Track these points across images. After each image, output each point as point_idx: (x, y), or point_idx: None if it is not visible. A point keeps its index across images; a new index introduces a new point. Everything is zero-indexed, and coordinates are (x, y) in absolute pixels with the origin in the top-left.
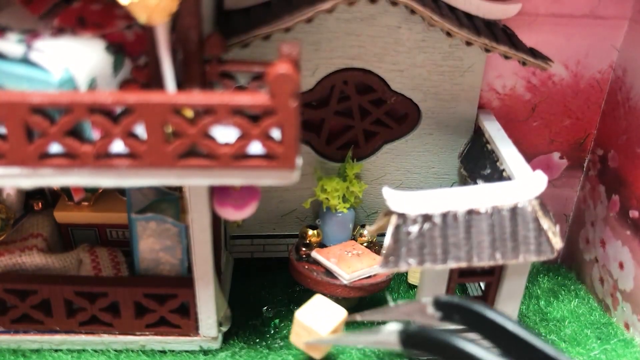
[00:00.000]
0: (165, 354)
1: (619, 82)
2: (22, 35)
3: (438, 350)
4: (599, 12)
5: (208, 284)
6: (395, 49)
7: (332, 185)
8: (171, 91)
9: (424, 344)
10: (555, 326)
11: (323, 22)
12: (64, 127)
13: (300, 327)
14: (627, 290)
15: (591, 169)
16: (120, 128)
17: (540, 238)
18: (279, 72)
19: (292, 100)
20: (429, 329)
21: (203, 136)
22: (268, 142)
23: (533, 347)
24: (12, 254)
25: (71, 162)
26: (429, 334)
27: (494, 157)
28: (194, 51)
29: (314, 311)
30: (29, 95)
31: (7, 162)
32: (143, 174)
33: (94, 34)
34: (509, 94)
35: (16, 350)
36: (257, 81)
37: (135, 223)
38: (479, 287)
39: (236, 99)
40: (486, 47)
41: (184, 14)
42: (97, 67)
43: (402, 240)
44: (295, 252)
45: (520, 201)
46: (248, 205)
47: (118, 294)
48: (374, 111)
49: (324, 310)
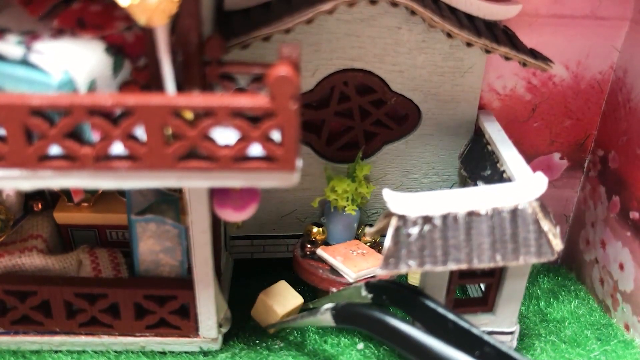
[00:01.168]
0: (165, 355)
1: (620, 83)
2: (21, 37)
3: (364, 323)
4: (600, 12)
5: (208, 286)
6: (396, 50)
7: (342, 187)
8: (171, 93)
9: (352, 318)
10: (555, 327)
11: (323, 23)
12: (64, 129)
13: (261, 304)
14: (627, 291)
15: (591, 170)
16: (120, 130)
17: (540, 240)
18: (279, 74)
19: (292, 102)
20: (354, 304)
21: (203, 138)
22: (268, 144)
23: (445, 318)
24: (11, 255)
25: (71, 164)
26: (355, 309)
27: (495, 158)
28: (194, 53)
29: (276, 293)
30: (28, 97)
31: (7, 164)
32: (143, 176)
33: (94, 36)
34: (510, 95)
35: (16, 351)
36: (257, 83)
37: (135, 224)
38: (479, 288)
39: (236, 101)
40: (487, 48)
41: (184, 16)
42: (96, 69)
43: (402, 242)
44: (300, 249)
45: (521, 203)
46: (248, 207)
47: (118, 295)
48: (374, 112)
49: (284, 294)
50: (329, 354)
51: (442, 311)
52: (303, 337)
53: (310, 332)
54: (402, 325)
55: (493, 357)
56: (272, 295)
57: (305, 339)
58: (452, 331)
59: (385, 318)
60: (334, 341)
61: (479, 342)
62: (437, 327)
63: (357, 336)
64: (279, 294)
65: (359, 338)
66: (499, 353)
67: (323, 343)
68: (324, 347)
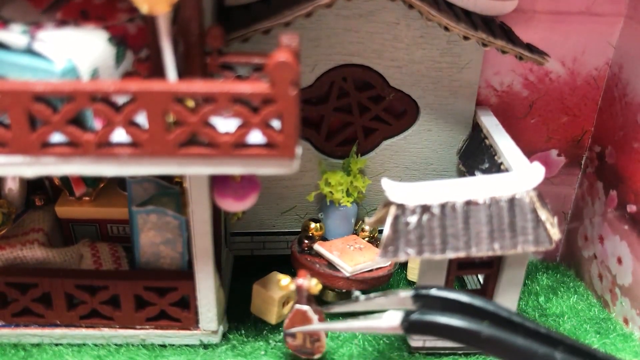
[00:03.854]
0: (165, 348)
1: (615, 78)
2: (26, 27)
3: (442, 333)
4: (595, 9)
5: (208, 277)
6: (394, 45)
7: (336, 179)
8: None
9: (426, 328)
10: (554, 321)
11: (322, 18)
12: (67, 115)
13: (257, 293)
14: (625, 285)
15: (589, 166)
16: (122, 116)
17: (538, 229)
18: (279, 60)
19: (292, 88)
20: (430, 313)
21: (204, 125)
22: (268, 131)
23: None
24: (13, 248)
25: (73, 151)
26: (432, 319)
27: (492, 151)
28: (195, 43)
29: (270, 281)
30: (32, 83)
31: (10, 151)
32: (144, 163)
33: (97, 27)
34: (507, 91)
35: (17, 344)
36: (257, 73)
37: (136, 216)
38: (478, 280)
39: (236, 87)
40: (483, 41)
41: (185, 6)
42: (99, 58)
43: (401, 230)
44: (297, 245)
45: (518, 192)
46: (248, 197)
47: (118, 287)
48: (373, 108)
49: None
50: (329, 346)
51: (507, 315)
52: None
53: None
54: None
55: (574, 351)
56: (266, 283)
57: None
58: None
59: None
60: (334, 334)
61: (555, 341)
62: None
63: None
64: (273, 281)
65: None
66: (576, 348)
67: None
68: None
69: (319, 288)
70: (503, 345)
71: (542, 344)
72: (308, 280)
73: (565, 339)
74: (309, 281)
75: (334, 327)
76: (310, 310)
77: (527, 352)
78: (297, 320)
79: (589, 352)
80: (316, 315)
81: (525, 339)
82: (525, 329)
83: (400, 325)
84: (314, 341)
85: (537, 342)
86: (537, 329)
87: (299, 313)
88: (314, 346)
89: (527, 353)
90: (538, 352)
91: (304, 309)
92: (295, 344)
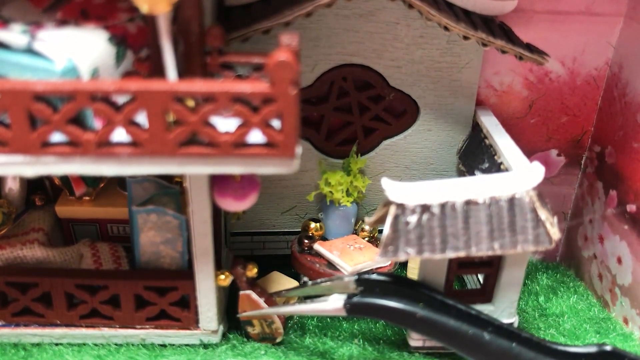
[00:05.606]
0: (165, 348)
1: (615, 78)
2: (26, 26)
3: (384, 314)
4: (595, 9)
5: (208, 277)
6: (394, 45)
7: (335, 179)
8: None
9: (368, 310)
10: (554, 321)
11: (322, 17)
12: (67, 114)
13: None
14: (625, 284)
15: (589, 166)
16: (122, 116)
17: (538, 228)
18: (279, 59)
19: (292, 87)
20: (370, 296)
21: (204, 124)
22: (268, 130)
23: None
24: (13, 248)
25: (73, 150)
26: (373, 302)
27: (492, 151)
28: (195, 42)
29: (271, 281)
30: (32, 83)
31: (10, 150)
32: (144, 162)
33: (97, 26)
34: (507, 91)
35: (17, 344)
36: (257, 72)
37: (136, 215)
38: (478, 280)
39: (236, 87)
40: (483, 41)
41: (185, 6)
42: (99, 57)
43: (401, 230)
44: (297, 245)
45: (518, 192)
46: (248, 196)
47: (119, 287)
48: (373, 107)
49: (279, 281)
50: (329, 346)
51: (441, 298)
52: (303, 330)
53: (310, 325)
54: (428, 314)
55: (502, 334)
56: (267, 283)
57: (305, 331)
58: (456, 316)
59: (408, 308)
60: (334, 334)
61: (484, 323)
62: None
63: (356, 329)
64: (274, 281)
65: (357, 330)
66: (503, 329)
67: (323, 336)
68: (324, 340)
69: (254, 271)
70: (436, 326)
71: (472, 325)
72: (242, 266)
73: (493, 320)
74: (242, 268)
75: (284, 310)
76: (252, 294)
77: (458, 331)
78: (245, 305)
79: (513, 332)
80: (262, 298)
81: (457, 320)
82: (458, 311)
83: (343, 307)
84: (270, 324)
85: (468, 323)
86: (468, 311)
87: (244, 297)
88: (272, 329)
89: (459, 333)
90: (468, 332)
91: (247, 293)
92: (256, 332)
